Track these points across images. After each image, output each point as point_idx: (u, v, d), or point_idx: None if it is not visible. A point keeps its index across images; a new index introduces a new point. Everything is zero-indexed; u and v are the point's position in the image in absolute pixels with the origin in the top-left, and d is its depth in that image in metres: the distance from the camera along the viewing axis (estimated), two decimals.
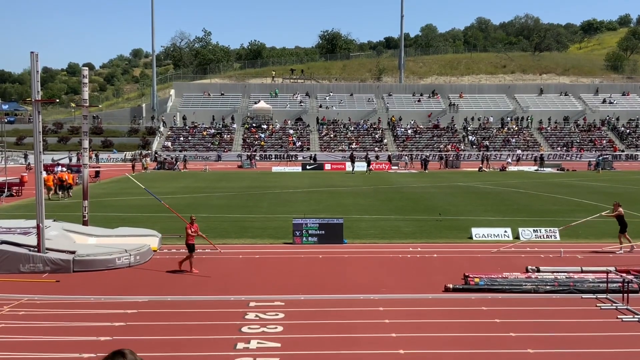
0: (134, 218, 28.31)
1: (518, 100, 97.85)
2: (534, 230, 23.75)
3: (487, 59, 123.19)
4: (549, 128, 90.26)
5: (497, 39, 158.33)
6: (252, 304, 14.70)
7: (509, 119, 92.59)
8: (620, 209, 21.61)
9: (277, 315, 13.85)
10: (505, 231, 23.80)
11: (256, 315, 13.77)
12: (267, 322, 13.34)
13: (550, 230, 23.69)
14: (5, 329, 12.86)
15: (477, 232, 23.68)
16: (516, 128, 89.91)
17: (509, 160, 72.82)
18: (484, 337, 12.53)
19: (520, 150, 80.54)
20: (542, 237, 23.39)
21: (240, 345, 11.88)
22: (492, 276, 16.53)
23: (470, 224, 25.27)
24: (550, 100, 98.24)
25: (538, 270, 17.63)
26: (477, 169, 64.38)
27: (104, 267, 18.47)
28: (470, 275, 16.52)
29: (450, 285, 16.10)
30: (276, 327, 12.97)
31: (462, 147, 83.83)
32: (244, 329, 12.83)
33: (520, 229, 23.82)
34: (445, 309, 14.44)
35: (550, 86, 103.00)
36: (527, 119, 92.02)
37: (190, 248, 18.23)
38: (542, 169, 65.83)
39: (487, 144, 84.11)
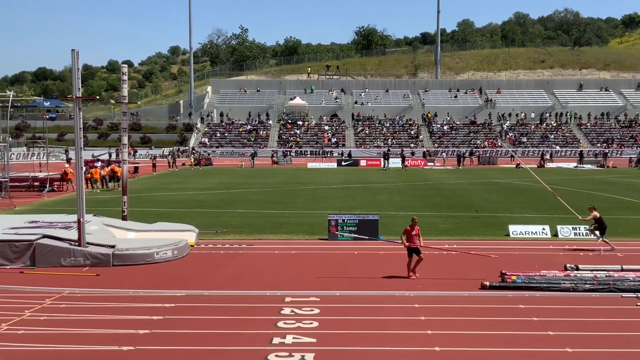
0: (171, 213, 28.69)
1: (557, 96, 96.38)
2: (572, 227, 23.37)
3: (525, 54, 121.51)
4: (588, 124, 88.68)
5: (536, 33, 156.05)
6: (287, 299, 14.79)
7: (547, 114, 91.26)
8: (595, 213, 21.13)
9: (313, 310, 13.90)
10: (544, 229, 23.49)
11: (292, 311, 13.85)
12: (303, 317, 13.41)
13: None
14: (48, 322, 13.17)
15: (515, 230, 23.40)
16: (555, 124, 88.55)
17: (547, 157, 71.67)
18: (521, 335, 12.40)
19: (558, 147, 79.31)
20: (581, 234, 23.01)
21: (276, 340, 11.96)
22: (530, 274, 16.33)
23: (507, 221, 25.01)
24: (590, 95, 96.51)
25: (577, 269, 17.37)
26: (514, 166, 63.52)
27: (143, 261, 18.76)
28: (508, 273, 16.35)
29: (487, 283, 15.95)
30: (312, 323, 13.03)
31: (499, 144, 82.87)
32: (280, 324, 12.92)
33: (558, 227, 23.49)
34: (482, 307, 14.33)
35: (590, 81, 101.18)
36: (566, 115, 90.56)
37: (410, 252, 16.97)
38: (581, 165, 64.71)
39: (525, 140, 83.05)
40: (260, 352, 11.36)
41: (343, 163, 67.85)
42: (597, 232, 21.01)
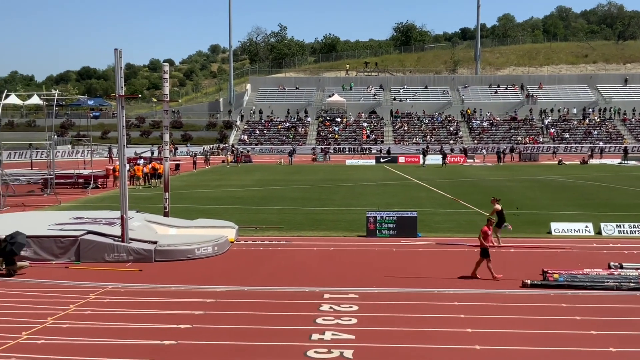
0: (212, 210, 29.01)
1: (600, 91, 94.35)
2: (617, 225, 22.90)
3: (568, 48, 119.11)
4: (633, 119, 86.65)
5: (579, 28, 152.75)
6: (326, 295, 14.84)
7: (590, 110, 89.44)
8: (497, 205, 20.78)
9: (352, 307, 13.92)
10: (587, 226, 23.07)
11: (330, 307, 13.90)
12: (342, 314, 13.44)
13: (634, 225, 22.78)
14: (91, 316, 13.47)
15: (557, 227, 23.05)
16: (598, 120, 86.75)
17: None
18: (564, 334, 12.22)
19: (602, 143, 77.67)
20: (625, 232, 22.54)
21: (315, 336, 12.03)
22: (573, 272, 16.09)
23: (549, 219, 24.65)
24: (635, 90, 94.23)
25: (621, 267, 17.03)
26: (556, 162, 62.47)
27: (184, 257, 19.04)
28: (549, 271, 16.13)
29: (528, 281, 15.76)
30: (350, 319, 13.05)
31: (541, 140, 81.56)
32: (319, 320, 12.98)
33: (602, 224, 23.03)
34: (523, 305, 14.16)
35: (635, 76, 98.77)
36: (610, 110, 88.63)
37: (486, 252, 16.48)
38: (625, 161, 63.28)
39: (567, 136, 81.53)
40: (299, 348, 11.44)
41: (382, 160, 67.67)
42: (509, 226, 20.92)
